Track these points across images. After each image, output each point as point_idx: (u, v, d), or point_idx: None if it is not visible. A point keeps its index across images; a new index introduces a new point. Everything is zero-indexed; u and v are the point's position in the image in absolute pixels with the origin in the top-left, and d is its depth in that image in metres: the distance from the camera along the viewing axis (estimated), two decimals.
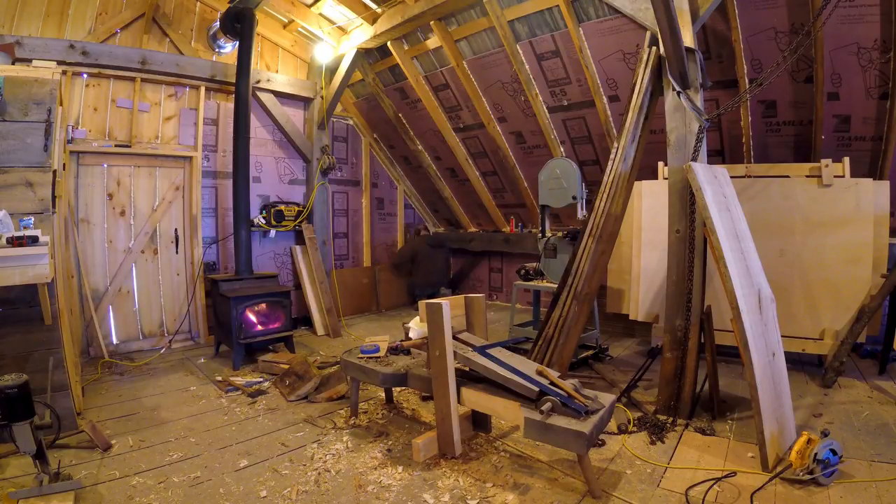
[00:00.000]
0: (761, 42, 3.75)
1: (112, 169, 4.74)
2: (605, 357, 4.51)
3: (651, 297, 4.27)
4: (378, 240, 7.28)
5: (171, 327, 5.09)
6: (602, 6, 4.02)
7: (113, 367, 4.31)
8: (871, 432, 2.83)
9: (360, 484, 2.42)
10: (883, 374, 3.80)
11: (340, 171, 6.71)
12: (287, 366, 3.91)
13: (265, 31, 5.63)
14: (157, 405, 3.48)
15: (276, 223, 5.65)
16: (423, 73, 5.67)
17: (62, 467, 2.36)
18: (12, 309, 2.76)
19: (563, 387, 2.44)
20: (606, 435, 2.89)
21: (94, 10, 4.56)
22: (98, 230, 4.68)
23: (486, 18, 4.64)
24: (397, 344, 3.22)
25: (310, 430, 3.07)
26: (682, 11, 3.09)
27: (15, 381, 2.09)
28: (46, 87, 2.98)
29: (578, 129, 5.15)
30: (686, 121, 3.13)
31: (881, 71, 3.59)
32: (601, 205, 3.44)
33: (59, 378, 2.81)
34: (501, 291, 7.35)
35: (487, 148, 6.03)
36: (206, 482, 2.45)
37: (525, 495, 2.32)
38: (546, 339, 3.52)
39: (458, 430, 2.68)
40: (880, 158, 3.95)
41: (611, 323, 5.30)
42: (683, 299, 3.14)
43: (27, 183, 2.78)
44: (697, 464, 2.54)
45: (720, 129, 4.42)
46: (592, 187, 4.09)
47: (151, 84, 4.91)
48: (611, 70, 4.44)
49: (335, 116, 6.55)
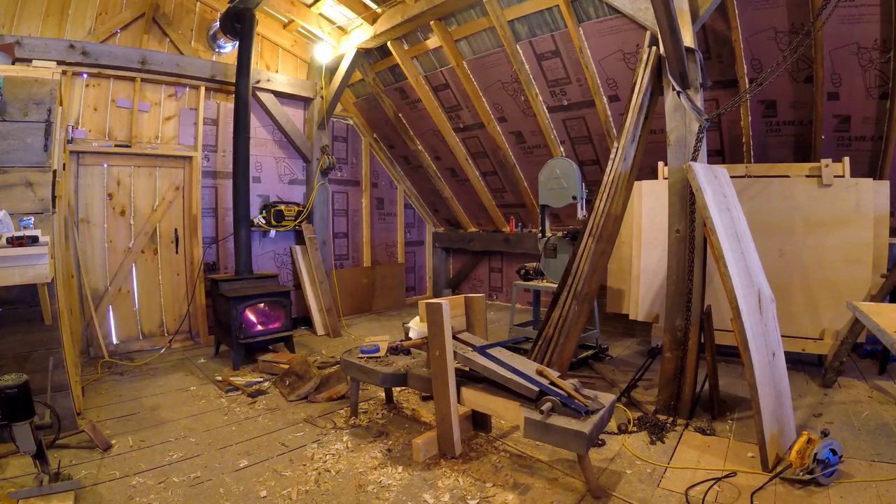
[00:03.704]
0: (761, 42, 3.75)
1: (112, 169, 4.74)
2: (605, 357, 4.52)
3: (651, 297, 4.27)
4: (378, 240, 7.27)
5: (171, 327, 5.09)
6: (602, 6, 4.02)
7: (113, 367, 4.31)
8: (871, 432, 2.83)
9: (360, 484, 2.42)
10: (883, 374, 3.80)
11: (340, 171, 6.71)
12: (287, 366, 3.91)
13: (265, 31, 5.63)
14: (157, 405, 3.48)
15: (276, 223, 5.65)
16: (423, 73, 5.67)
17: (62, 467, 2.36)
18: (12, 309, 2.76)
19: (563, 387, 2.44)
20: (606, 435, 2.89)
21: (94, 10, 4.56)
22: (98, 230, 4.68)
23: (486, 18, 4.64)
24: (397, 344, 3.22)
25: (310, 430, 3.07)
26: (682, 11, 3.09)
27: (15, 381, 2.09)
28: (46, 87, 2.98)
29: (578, 129, 5.15)
30: (686, 121, 3.13)
31: (881, 71, 3.59)
32: (601, 205, 3.44)
33: (59, 378, 2.81)
34: (501, 291, 7.35)
35: (487, 148, 6.03)
36: (206, 482, 2.45)
37: (525, 495, 2.32)
38: (546, 339, 3.52)
39: (458, 430, 2.68)
40: (880, 158, 3.95)
41: (611, 323, 5.30)
42: (683, 299, 3.14)
43: (27, 183, 2.78)
44: (697, 464, 2.54)
45: (720, 129, 4.42)
46: (592, 187, 4.10)
47: (151, 84, 4.91)
48: (611, 70, 4.44)
49: (335, 116, 6.55)
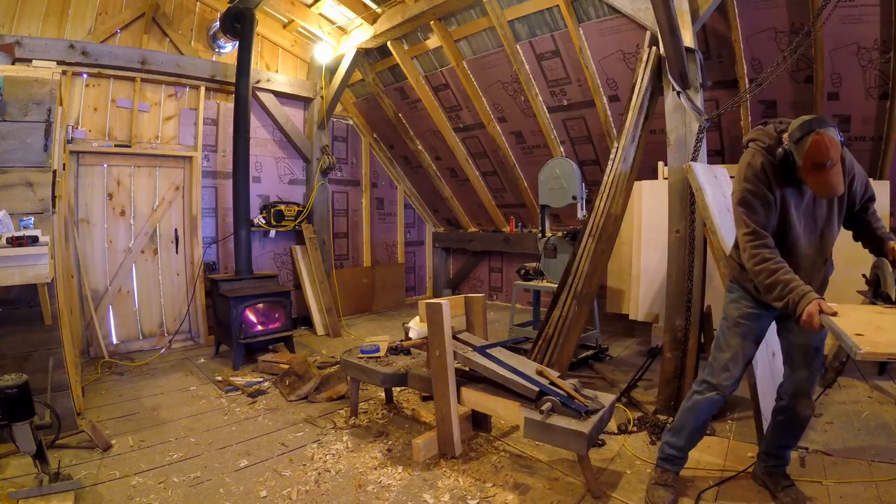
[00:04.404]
0: (761, 42, 3.75)
1: (112, 169, 4.74)
2: (605, 357, 4.51)
3: (651, 297, 4.27)
4: (378, 240, 7.27)
5: (171, 327, 5.09)
6: (602, 6, 4.02)
7: (113, 367, 4.31)
8: (871, 432, 2.83)
9: (360, 484, 2.42)
10: (883, 374, 3.79)
11: (340, 171, 6.71)
12: (287, 366, 3.91)
13: (265, 31, 5.63)
14: (157, 405, 3.47)
15: (276, 223, 5.65)
16: (423, 73, 5.67)
17: (62, 467, 2.35)
18: (12, 309, 2.75)
19: (563, 387, 2.44)
20: (606, 435, 2.89)
21: (94, 10, 4.56)
22: (98, 230, 4.67)
23: (485, 18, 4.63)
24: (397, 344, 3.22)
25: (310, 430, 3.07)
26: (682, 11, 3.09)
27: (15, 381, 2.09)
28: (46, 87, 2.97)
29: (578, 129, 5.15)
30: (686, 121, 3.13)
31: (881, 71, 3.59)
32: (601, 205, 3.44)
33: (59, 378, 2.81)
34: (501, 291, 7.35)
35: (487, 148, 6.02)
36: (205, 482, 2.45)
37: (525, 495, 2.32)
38: (546, 338, 3.52)
39: (458, 430, 2.69)
40: (880, 158, 3.95)
41: (611, 323, 5.30)
42: (683, 299, 3.14)
43: (27, 183, 2.78)
44: (697, 464, 2.54)
45: (720, 129, 4.42)
46: (592, 187, 4.10)
47: (151, 84, 4.91)
48: (611, 70, 4.44)
49: (335, 116, 6.55)
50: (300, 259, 5.95)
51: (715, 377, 2.11)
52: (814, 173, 1.77)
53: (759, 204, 1.91)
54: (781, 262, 1.86)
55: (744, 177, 1.96)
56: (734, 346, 2.08)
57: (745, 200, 1.94)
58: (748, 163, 1.96)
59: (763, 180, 1.91)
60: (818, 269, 2.04)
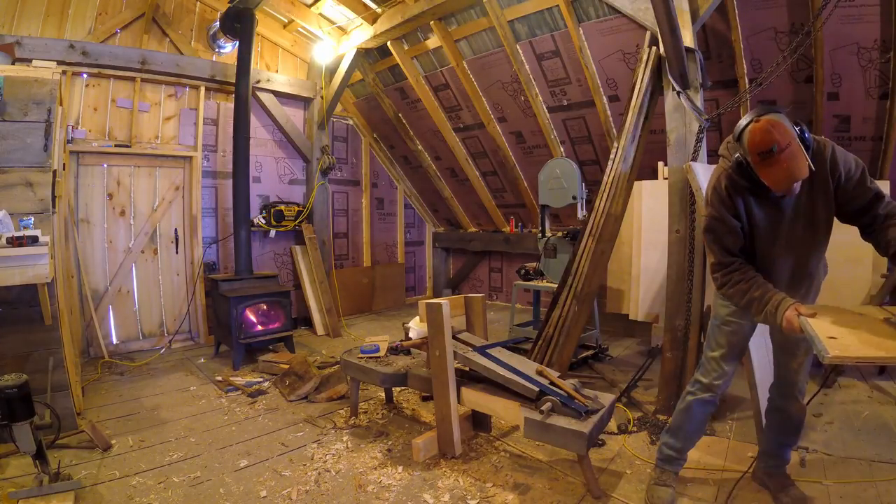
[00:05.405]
0: (761, 42, 3.75)
1: (112, 169, 4.74)
2: (605, 357, 4.51)
3: (651, 297, 4.27)
4: (378, 240, 7.27)
5: (171, 327, 5.09)
6: (602, 6, 4.02)
7: (113, 367, 4.31)
8: (871, 432, 2.83)
9: (360, 484, 2.42)
10: (883, 374, 3.79)
11: (340, 171, 6.71)
12: (287, 366, 3.91)
13: (265, 31, 5.63)
14: (157, 405, 3.48)
15: (276, 223, 5.65)
16: (422, 73, 5.67)
17: (62, 467, 2.36)
18: (12, 309, 2.75)
19: (563, 387, 2.44)
20: (606, 435, 2.89)
21: (94, 10, 4.56)
22: (98, 230, 4.67)
23: (485, 18, 4.63)
24: (397, 344, 3.22)
25: (310, 430, 3.07)
26: (682, 11, 3.09)
27: (15, 381, 2.09)
28: (46, 87, 2.97)
29: (578, 129, 5.15)
30: (686, 121, 3.13)
31: (881, 71, 3.59)
32: (601, 205, 3.44)
33: (59, 378, 2.81)
34: (501, 291, 7.35)
35: (487, 148, 6.02)
36: (205, 482, 2.45)
37: (525, 495, 2.32)
38: (546, 339, 3.52)
39: (458, 430, 2.69)
40: (880, 158, 3.95)
41: (611, 323, 5.29)
42: (683, 299, 3.14)
43: (27, 183, 2.78)
44: (697, 464, 2.54)
45: (720, 129, 4.41)
46: (592, 187, 4.10)
47: (151, 84, 4.91)
48: (611, 70, 4.44)
49: (335, 116, 6.55)
50: (300, 259, 5.95)
51: (707, 376, 2.11)
52: (764, 166, 1.61)
53: (724, 231, 1.89)
54: (751, 278, 1.83)
55: (709, 201, 1.94)
56: (724, 344, 2.08)
57: (710, 227, 1.94)
58: (713, 187, 1.92)
59: (728, 206, 1.86)
60: (800, 280, 2.00)
